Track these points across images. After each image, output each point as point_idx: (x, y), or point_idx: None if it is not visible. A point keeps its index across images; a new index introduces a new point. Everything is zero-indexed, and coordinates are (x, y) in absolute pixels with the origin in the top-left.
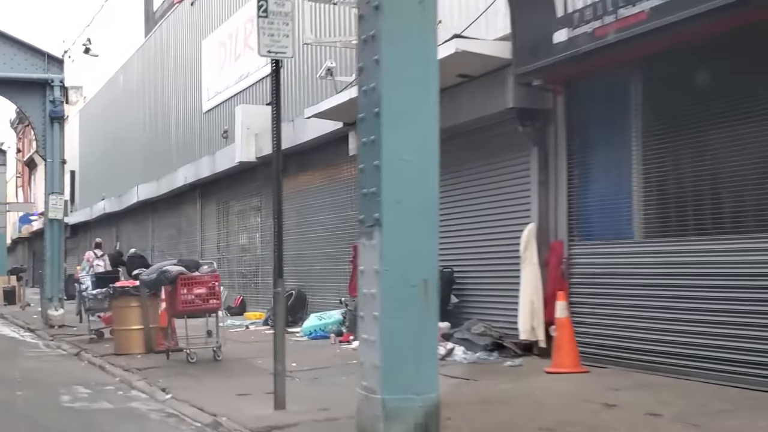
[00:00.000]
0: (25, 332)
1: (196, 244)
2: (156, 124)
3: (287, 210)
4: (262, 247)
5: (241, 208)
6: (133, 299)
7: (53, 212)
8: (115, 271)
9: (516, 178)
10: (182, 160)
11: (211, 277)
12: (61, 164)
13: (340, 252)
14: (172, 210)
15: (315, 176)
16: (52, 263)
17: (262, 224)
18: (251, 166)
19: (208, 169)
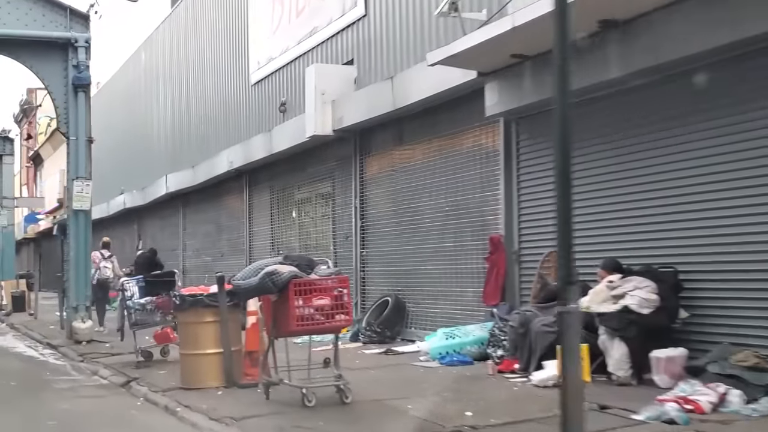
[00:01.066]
0: (44, 348)
1: (242, 241)
2: (188, 104)
3: (375, 196)
4: (336, 242)
5: (305, 196)
6: (207, 312)
7: (79, 201)
8: (170, 273)
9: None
10: (225, 142)
11: (337, 281)
12: (88, 143)
13: (460, 247)
14: (209, 202)
15: (421, 149)
16: (77, 264)
17: (335, 214)
18: (324, 141)
19: (263, 149)
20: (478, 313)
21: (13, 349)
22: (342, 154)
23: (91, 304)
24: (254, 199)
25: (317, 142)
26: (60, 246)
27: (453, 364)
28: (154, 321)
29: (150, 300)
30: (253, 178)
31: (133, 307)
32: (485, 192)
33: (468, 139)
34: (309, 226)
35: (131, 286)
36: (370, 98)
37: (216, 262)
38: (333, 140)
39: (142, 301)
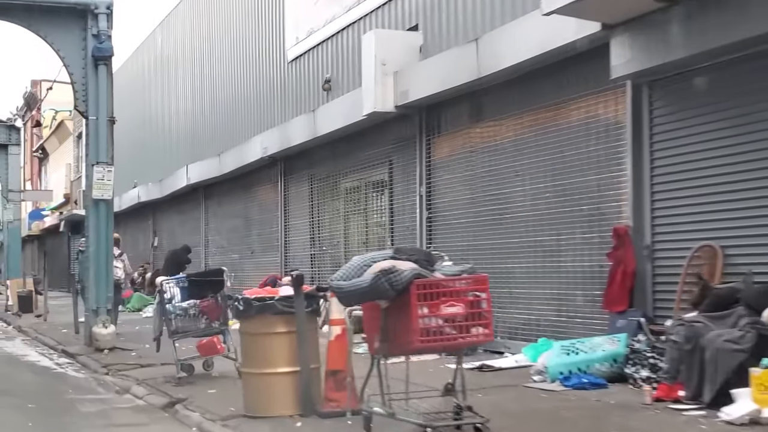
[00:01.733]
0: (59, 357)
1: (276, 236)
2: (212, 88)
3: (446, 182)
4: (394, 237)
5: (354, 185)
6: (279, 321)
7: (99, 190)
8: (217, 271)
9: None
10: (257, 127)
11: (472, 282)
12: (110, 123)
13: (566, 241)
14: (237, 194)
15: (511, 125)
16: (97, 262)
17: (394, 205)
18: (383, 120)
19: (304, 133)
20: (591, 322)
21: (24, 358)
22: (403, 135)
23: (114, 307)
24: (291, 189)
25: (374, 121)
26: (67, 243)
27: (583, 387)
28: (197, 328)
29: (193, 303)
30: (289, 165)
31: (174, 312)
32: (603, 173)
33: (578, 110)
34: (358, 219)
35: (171, 287)
36: (447, 66)
37: (244, 260)
38: (392, 119)
39: (184, 305)
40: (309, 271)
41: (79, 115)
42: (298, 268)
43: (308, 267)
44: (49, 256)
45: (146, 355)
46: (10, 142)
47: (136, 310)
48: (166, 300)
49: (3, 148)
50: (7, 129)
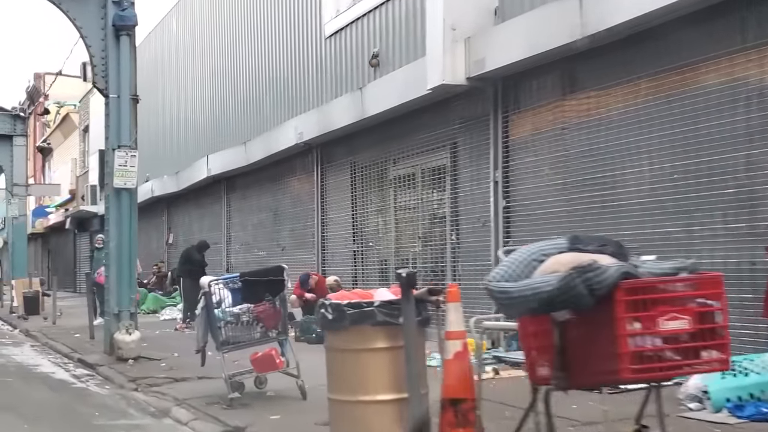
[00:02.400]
0: (77, 367)
1: (311, 231)
2: (234, 71)
3: (529, 165)
4: (460, 231)
5: (406, 172)
6: (379, 334)
7: (122, 177)
8: (277, 269)
9: None
10: (290, 110)
11: (699, 283)
12: (133, 102)
13: (699, 232)
14: (264, 185)
15: (620, 95)
16: (119, 259)
17: (459, 193)
18: (450, 95)
19: (350, 114)
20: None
21: (36, 369)
22: (472, 113)
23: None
24: (329, 178)
25: (437, 97)
26: (72, 241)
27: (764, 419)
28: (251, 338)
29: (247, 309)
30: (327, 152)
31: (224, 319)
32: (756, 149)
33: (719, 72)
34: (411, 211)
35: (220, 288)
36: (536, 28)
37: (273, 258)
38: (460, 95)
39: (236, 310)
40: (351, 269)
41: (85, 108)
42: (312, 266)
43: (350, 265)
44: (53, 255)
45: (177, 365)
46: (15, 132)
47: (151, 312)
48: (213, 303)
49: (7, 139)
50: (11, 119)
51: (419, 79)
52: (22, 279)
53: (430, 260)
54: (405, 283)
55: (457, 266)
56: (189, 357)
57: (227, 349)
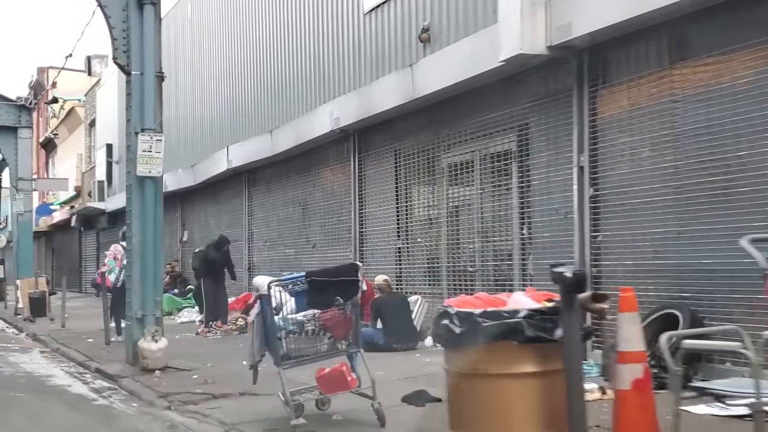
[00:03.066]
0: (96, 379)
1: (347, 226)
2: (257, 56)
3: (622, 147)
4: (532, 225)
5: (462, 159)
6: (526, 354)
7: (146, 165)
8: (350, 267)
9: None
10: (323, 94)
11: None
12: (158, 80)
13: None
14: (292, 177)
15: (748, 59)
16: (143, 257)
17: (532, 181)
18: (519, 69)
19: (398, 95)
20: None
21: (49, 381)
22: (549, 88)
23: (158, 313)
24: (368, 168)
25: (510, 70)
26: (78, 239)
27: None
28: (317, 351)
29: (312, 315)
30: (366, 139)
31: (285, 328)
32: None
33: None
34: (469, 203)
35: (278, 292)
36: None
37: (302, 256)
38: (535, 67)
39: (299, 317)
40: (394, 268)
41: (91, 102)
42: (357, 263)
43: (393, 263)
44: (57, 253)
45: (212, 377)
46: (20, 124)
47: (166, 314)
48: (272, 308)
49: (11, 131)
50: (16, 109)
51: (484, 52)
52: (27, 279)
53: (492, 258)
54: (570, 287)
55: (527, 264)
56: (222, 367)
57: (288, 364)
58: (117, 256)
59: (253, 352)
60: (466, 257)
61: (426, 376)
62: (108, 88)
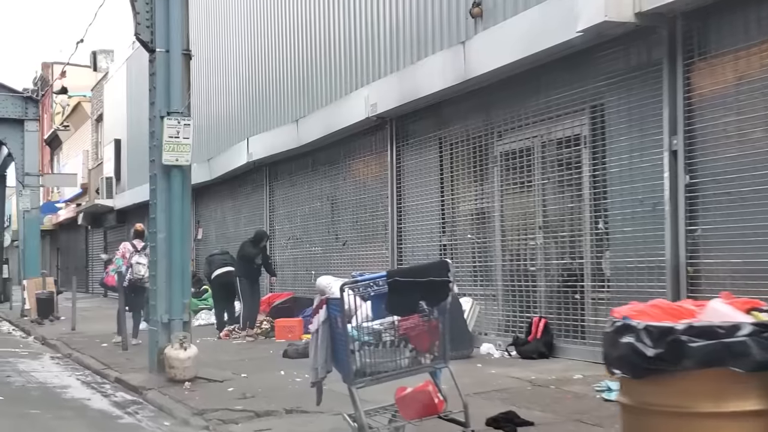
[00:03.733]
0: (117, 391)
1: (383, 222)
2: (280, 40)
3: (731, 126)
4: (608, 218)
5: (520, 146)
6: (752, 386)
7: (173, 152)
8: (440, 266)
9: None
10: (358, 78)
11: None
12: (185, 58)
13: None
14: (320, 169)
15: None
16: (170, 255)
17: (607, 170)
18: (594, 42)
19: (447, 76)
20: None
21: (66, 393)
22: (632, 62)
23: (186, 318)
24: (408, 158)
25: (585, 43)
26: (85, 238)
27: None
28: (397, 366)
29: (391, 323)
30: (406, 127)
31: (359, 339)
32: None
33: None
34: (528, 194)
35: (351, 296)
36: None
37: (332, 255)
38: (615, 40)
39: (376, 326)
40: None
41: (98, 97)
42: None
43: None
44: (63, 253)
45: (249, 390)
46: (26, 116)
47: None
48: (344, 317)
49: (18, 123)
50: (22, 101)
51: (552, 24)
52: (34, 279)
53: (556, 255)
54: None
55: (604, 262)
56: (258, 377)
57: (363, 382)
58: (125, 255)
59: (317, 366)
60: (525, 255)
61: (498, 391)
62: (116, 82)
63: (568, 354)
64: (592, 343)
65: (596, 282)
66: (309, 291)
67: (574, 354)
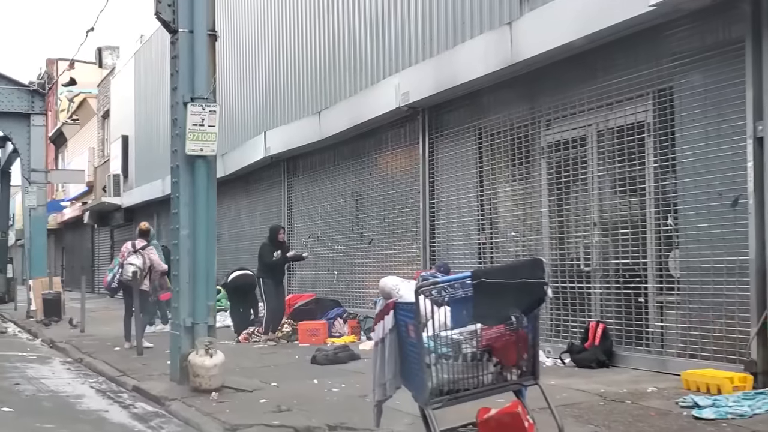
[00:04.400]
0: (135, 400)
1: (414, 219)
2: (300, 28)
3: None
4: (678, 215)
5: (568, 137)
6: None
7: (197, 141)
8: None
9: None
10: (387, 66)
11: None
12: (211, 39)
13: None
14: (343, 163)
15: None
16: (194, 253)
17: (670, 162)
18: (666, 18)
19: (491, 60)
20: None
21: (80, 404)
22: (708, 41)
23: (211, 321)
24: (442, 150)
25: (656, 19)
26: (90, 237)
27: None
28: (479, 383)
29: (472, 333)
30: (438, 117)
31: (436, 351)
32: None
33: None
34: (580, 188)
35: (427, 300)
36: None
37: (356, 254)
38: (691, 14)
39: (455, 335)
40: (477, 267)
41: (104, 93)
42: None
43: (474, 261)
44: (68, 252)
45: (283, 401)
46: (33, 110)
47: None
48: (418, 326)
49: (24, 118)
50: (29, 95)
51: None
52: (41, 278)
53: (614, 254)
54: None
55: (671, 262)
56: (289, 386)
57: (441, 402)
58: (124, 254)
59: (383, 382)
60: (578, 254)
61: (566, 407)
62: (123, 77)
63: (630, 363)
64: (658, 351)
65: (662, 284)
66: (331, 292)
67: (638, 363)
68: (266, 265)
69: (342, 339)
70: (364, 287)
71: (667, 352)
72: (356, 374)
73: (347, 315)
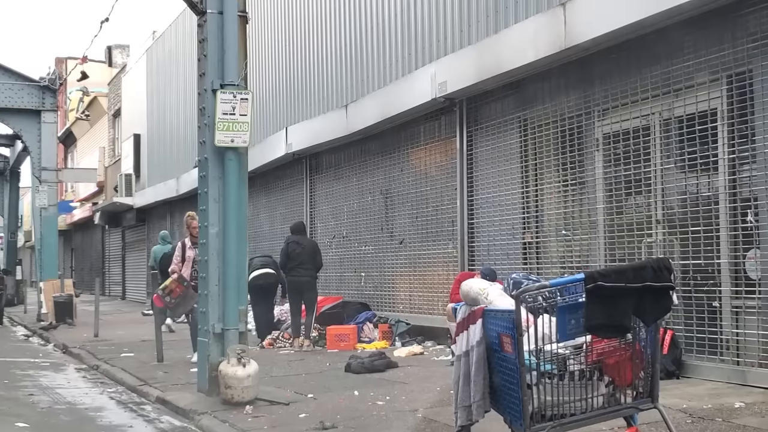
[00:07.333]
0: (160, 413)
1: (451, 217)
2: (325, 17)
3: None
4: (759, 209)
5: (626, 127)
6: None
7: (227, 132)
8: (660, 266)
9: None
10: (418, 55)
11: None
12: (242, 21)
13: None
14: (369, 160)
15: None
16: (225, 253)
17: (750, 153)
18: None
19: (540, 45)
20: None
21: (101, 418)
22: None
23: (243, 328)
24: (481, 144)
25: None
26: (101, 238)
27: None
28: (589, 407)
29: (579, 347)
30: (477, 109)
31: (539, 370)
32: None
33: None
34: (640, 183)
35: (529, 307)
36: None
37: (386, 255)
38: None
39: (561, 350)
40: (521, 269)
41: (115, 91)
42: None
43: (518, 263)
44: (77, 253)
45: (326, 416)
46: (43, 107)
47: None
48: (517, 339)
49: (34, 114)
50: (39, 90)
51: None
52: (52, 280)
53: (682, 254)
54: None
55: (749, 263)
56: (327, 398)
57: (543, 429)
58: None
59: (469, 404)
60: (638, 254)
61: (649, 425)
62: (135, 75)
63: (701, 373)
64: (734, 361)
65: (739, 287)
66: (357, 294)
67: (711, 374)
68: (287, 262)
69: (372, 344)
70: (395, 290)
71: (746, 362)
72: (398, 384)
73: (377, 319)
